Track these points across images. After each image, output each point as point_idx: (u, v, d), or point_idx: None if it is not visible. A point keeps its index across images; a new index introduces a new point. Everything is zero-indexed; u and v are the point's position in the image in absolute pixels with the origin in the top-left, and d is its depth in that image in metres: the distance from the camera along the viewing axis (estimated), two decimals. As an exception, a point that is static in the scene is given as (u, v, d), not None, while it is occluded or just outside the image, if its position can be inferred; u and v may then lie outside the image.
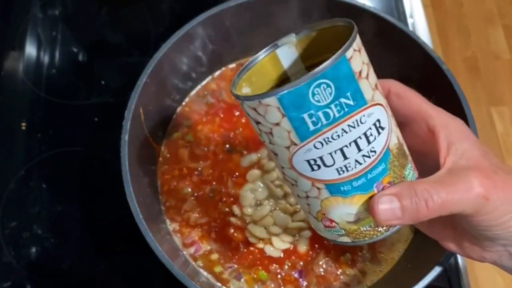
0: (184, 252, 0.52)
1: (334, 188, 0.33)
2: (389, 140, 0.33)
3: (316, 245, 0.52)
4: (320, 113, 0.30)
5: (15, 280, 0.55)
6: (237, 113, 0.58)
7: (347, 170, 0.32)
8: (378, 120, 0.32)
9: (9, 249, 0.56)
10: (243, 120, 0.57)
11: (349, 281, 0.51)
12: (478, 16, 1.53)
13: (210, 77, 0.60)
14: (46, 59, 0.66)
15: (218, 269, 0.51)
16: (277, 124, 0.31)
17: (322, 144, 0.31)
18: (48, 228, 0.57)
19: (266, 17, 0.55)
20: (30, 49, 0.67)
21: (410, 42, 0.51)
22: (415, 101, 0.37)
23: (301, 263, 0.51)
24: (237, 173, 0.55)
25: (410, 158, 0.36)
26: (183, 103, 0.59)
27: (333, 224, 0.35)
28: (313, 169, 0.32)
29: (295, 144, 0.32)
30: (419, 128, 0.37)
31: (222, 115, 0.58)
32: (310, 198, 0.35)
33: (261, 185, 0.53)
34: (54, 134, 0.62)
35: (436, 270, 0.43)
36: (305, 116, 0.30)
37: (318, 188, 0.34)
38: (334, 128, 0.31)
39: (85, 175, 0.60)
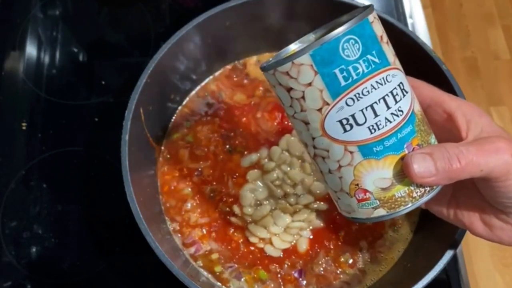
0: (185, 252, 0.52)
1: (366, 150, 0.34)
2: (413, 104, 0.35)
3: (316, 245, 0.52)
4: (350, 68, 0.32)
5: (16, 280, 0.55)
6: (237, 113, 0.58)
7: (378, 129, 0.33)
8: (401, 83, 0.34)
9: (9, 249, 0.56)
10: (244, 120, 0.57)
11: (349, 281, 0.51)
12: (477, 16, 1.53)
13: (210, 78, 0.60)
14: (46, 59, 0.66)
15: (218, 268, 0.51)
16: (310, 84, 0.33)
17: (354, 101, 0.33)
18: (48, 228, 0.57)
19: (266, 18, 0.56)
20: (31, 49, 0.67)
21: (409, 42, 0.51)
22: (428, 89, 0.38)
23: (301, 262, 0.51)
24: (237, 173, 0.55)
25: (432, 131, 0.37)
26: (183, 104, 0.59)
27: (367, 195, 0.36)
28: (345, 130, 0.33)
29: (328, 104, 0.33)
30: (435, 114, 0.38)
31: (222, 116, 0.58)
32: (343, 168, 0.35)
33: (261, 185, 0.53)
34: (54, 134, 0.62)
35: (436, 270, 0.43)
36: (337, 71, 0.32)
37: (351, 152, 0.34)
38: (364, 83, 0.32)
39: (85, 175, 0.60)
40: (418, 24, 0.68)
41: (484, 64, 1.46)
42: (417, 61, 0.51)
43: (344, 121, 0.33)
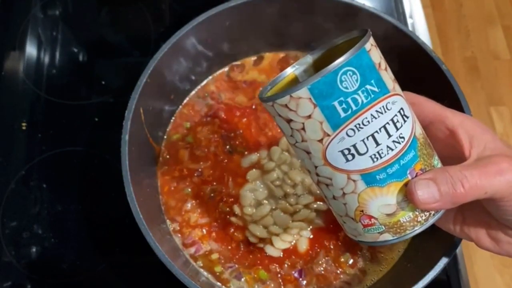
0: (185, 252, 0.52)
1: (369, 178, 0.34)
2: (414, 129, 0.35)
3: (316, 245, 0.52)
4: (349, 99, 0.32)
5: (15, 280, 0.55)
6: (237, 114, 0.58)
7: (380, 157, 0.33)
8: (402, 109, 0.34)
9: (9, 249, 0.56)
10: (244, 121, 0.57)
11: (350, 280, 0.51)
12: (477, 17, 1.53)
13: (209, 78, 0.60)
14: (46, 59, 0.66)
15: (218, 269, 0.51)
16: (309, 116, 0.33)
17: (354, 131, 0.32)
18: (48, 228, 0.57)
19: (267, 18, 0.56)
20: (31, 49, 0.67)
21: (409, 42, 0.51)
22: (429, 106, 0.38)
23: (301, 262, 0.51)
24: (237, 174, 0.55)
25: (435, 151, 0.37)
26: (183, 104, 0.59)
27: (372, 220, 0.36)
28: (347, 160, 0.33)
29: (328, 135, 0.33)
30: (438, 131, 0.38)
31: (222, 116, 0.58)
32: (347, 195, 0.35)
33: (261, 185, 0.53)
34: (54, 134, 0.62)
35: (436, 270, 0.43)
36: (336, 103, 0.32)
37: (354, 181, 0.34)
38: (364, 113, 0.32)
39: (85, 175, 0.60)
40: (418, 24, 0.68)
41: (484, 64, 1.46)
42: (417, 61, 0.51)
43: (346, 151, 0.33)
